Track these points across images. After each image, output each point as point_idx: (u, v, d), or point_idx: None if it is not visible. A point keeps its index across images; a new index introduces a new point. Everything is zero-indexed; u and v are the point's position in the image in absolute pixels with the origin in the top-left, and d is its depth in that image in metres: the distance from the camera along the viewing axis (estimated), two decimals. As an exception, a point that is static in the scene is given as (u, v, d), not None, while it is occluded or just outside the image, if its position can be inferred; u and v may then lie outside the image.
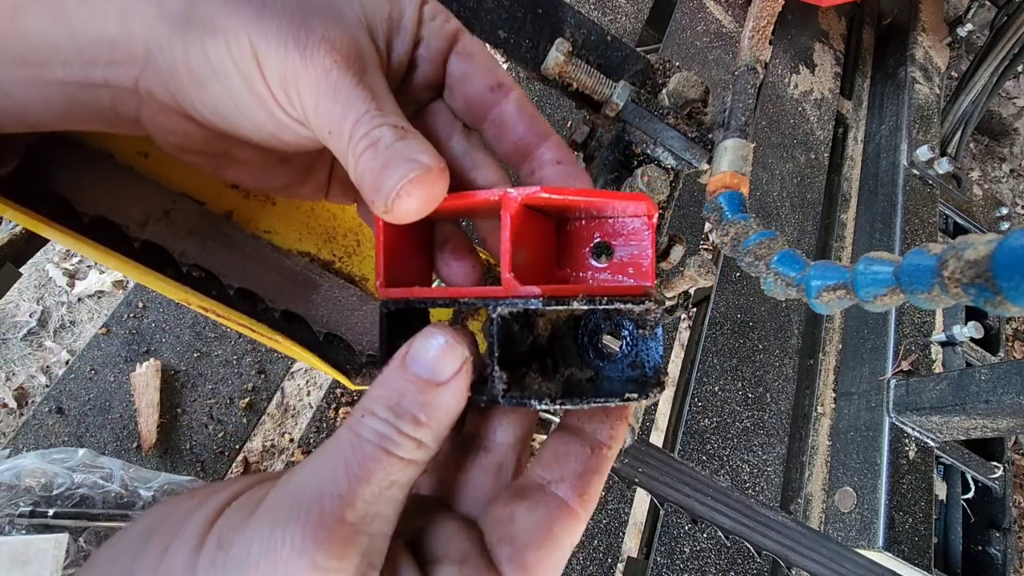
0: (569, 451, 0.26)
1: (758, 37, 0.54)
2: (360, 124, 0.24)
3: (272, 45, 0.24)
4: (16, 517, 0.57)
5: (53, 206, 0.36)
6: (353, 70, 0.25)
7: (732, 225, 0.46)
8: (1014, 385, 0.69)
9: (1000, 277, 0.27)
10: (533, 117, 0.30)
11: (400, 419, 0.22)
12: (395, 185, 0.24)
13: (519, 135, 0.30)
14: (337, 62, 0.25)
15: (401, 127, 0.25)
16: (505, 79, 0.30)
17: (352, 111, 0.25)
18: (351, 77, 0.25)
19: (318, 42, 0.25)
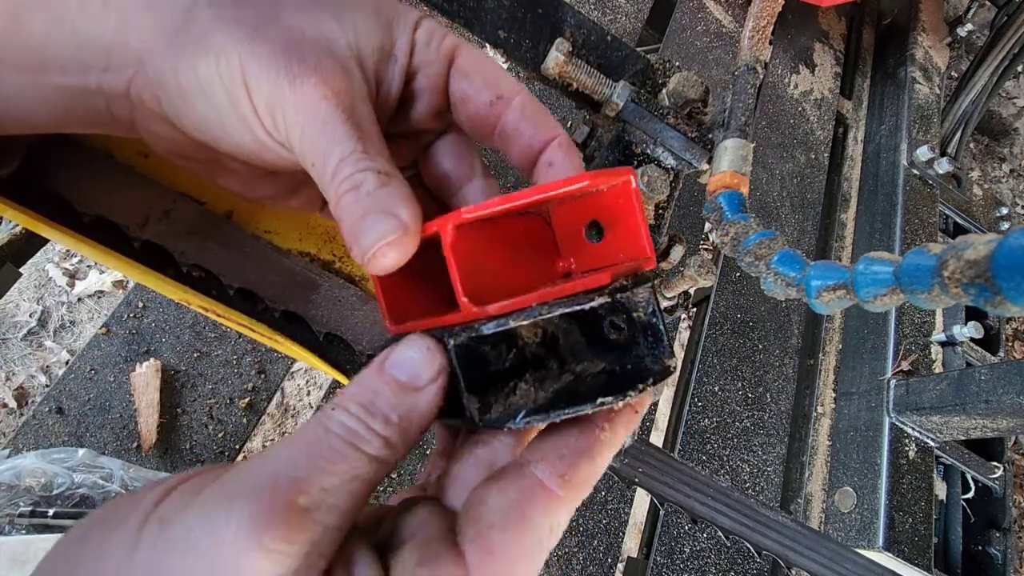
0: (558, 431, 0.25)
1: (758, 37, 0.54)
2: (344, 164, 0.24)
3: (263, 70, 0.24)
4: (16, 517, 0.57)
5: (53, 206, 0.36)
6: (343, 105, 0.25)
7: (732, 225, 0.46)
8: (1014, 385, 0.69)
9: (1000, 277, 0.27)
10: (535, 121, 0.29)
11: (371, 416, 0.23)
12: (372, 244, 0.24)
13: (523, 144, 0.29)
14: (327, 96, 0.25)
15: (384, 172, 0.25)
16: (505, 89, 0.30)
17: (337, 148, 0.25)
18: (340, 113, 0.25)
19: (310, 73, 0.25)
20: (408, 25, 0.29)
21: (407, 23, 0.29)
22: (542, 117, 0.30)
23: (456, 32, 0.32)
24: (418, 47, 0.29)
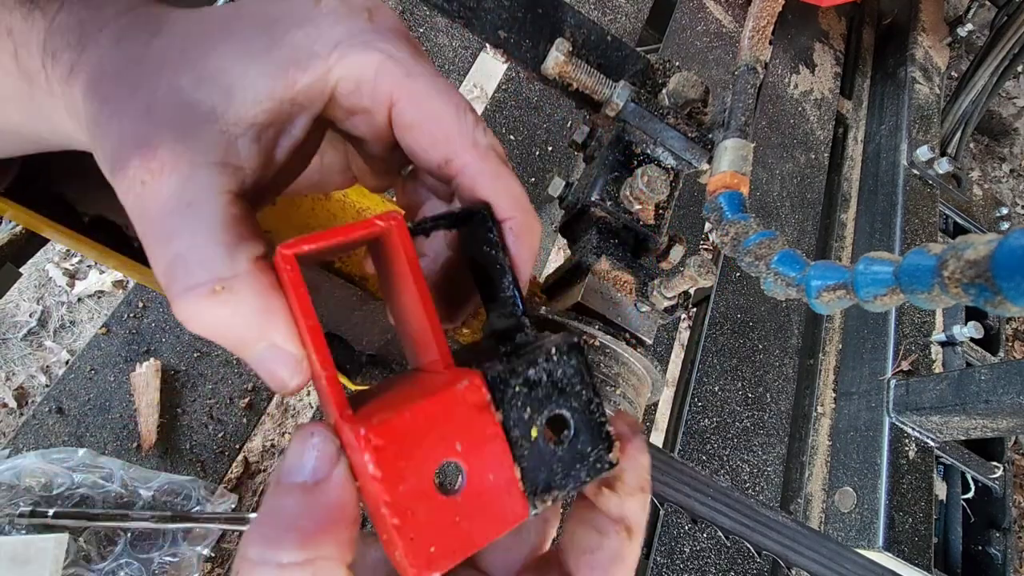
0: (582, 535, 0.24)
1: (758, 37, 0.54)
2: (171, 269, 0.21)
3: (104, 166, 0.22)
4: (16, 517, 0.57)
5: (53, 206, 0.36)
6: (164, 193, 0.21)
7: (732, 225, 0.46)
8: (1014, 385, 0.69)
9: (1000, 277, 0.27)
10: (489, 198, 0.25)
11: (279, 545, 0.19)
12: (278, 391, 0.22)
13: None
14: (144, 184, 0.21)
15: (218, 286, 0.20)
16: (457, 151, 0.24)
17: (160, 252, 0.21)
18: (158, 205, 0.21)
19: (125, 163, 0.21)
20: (318, 65, 0.23)
21: (316, 62, 0.23)
22: (497, 191, 0.25)
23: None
24: (341, 92, 0.24)
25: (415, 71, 0.24)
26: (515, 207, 0.25)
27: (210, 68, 0.22)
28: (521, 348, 0.24)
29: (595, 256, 0.47)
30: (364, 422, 0.19)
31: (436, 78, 0.24)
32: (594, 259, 0.46)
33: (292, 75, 0.23)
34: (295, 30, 0.23)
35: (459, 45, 0.94)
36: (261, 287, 0.21)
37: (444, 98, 0.24)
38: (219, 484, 0.66)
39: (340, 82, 0.23)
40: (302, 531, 0.19)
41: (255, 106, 0.22)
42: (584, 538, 0.24)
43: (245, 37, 0.23)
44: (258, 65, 0.23)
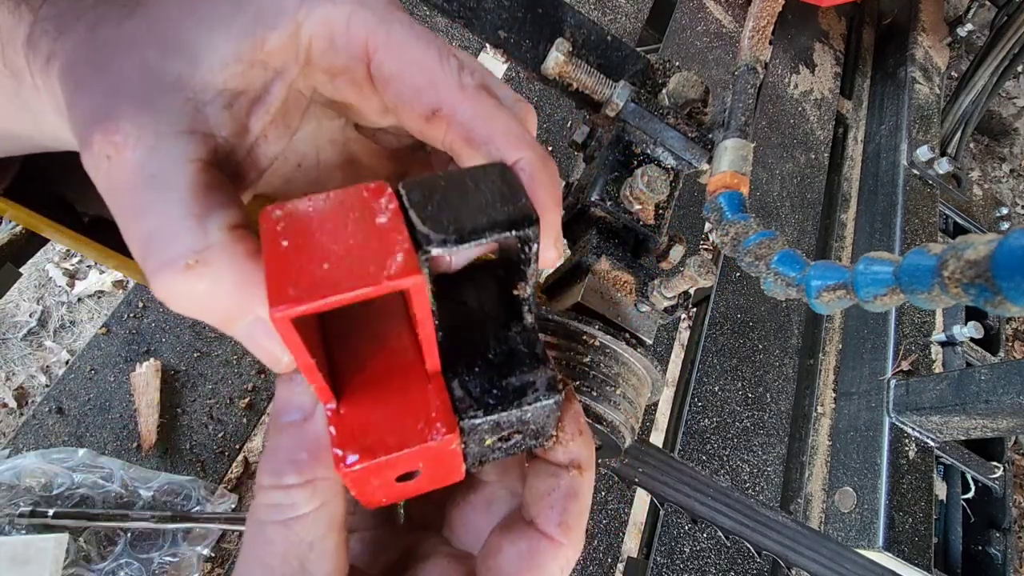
0: (541, 484, 0.26)
1: (758, 37, 0.54)
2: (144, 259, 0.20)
3: (77, 144, 0.21)
4: (16, 517, 0.57)
5: (53, 206, 0.36)
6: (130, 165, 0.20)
7: (732, 225, 0.46)
8: (1014, 385, 0.69)
9: (1000, 277, 0.27)
10: (488, 140, 0.23)
11: (282, 474, 0.21)
12: (273, 368, 0.22)
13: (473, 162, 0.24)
14: (111, 158, 0.20)
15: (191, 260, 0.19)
16: (445, 96, 0.23)
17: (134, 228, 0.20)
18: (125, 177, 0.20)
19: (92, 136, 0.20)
20: (286, 20, 0.22)
21: (283, 17, 0.22)
22: (495, 133, 0.23)
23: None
24: (317, 46, 0.23)
25: (389, 18, 0.22)
26: (520, 146, 0.23)
27: (177, 39, 0.22)
28: (508, 364, 0.24)
29: (595, 256, 0.47)
30: (347, 447, 0.21)
31: (413, 24, 0.23)
32: (594, 259, 0.46)
33: (260, 34, 0.22)
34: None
35: (459, 45, 0.94)
36: (238, 256, 0.20)
37: (424, 43, 0.23)
38: (219, 484, 0.66)
39: (313, 39, 0.22)
40: (298, 461, 0.22)
41: (222, 70, 0.21)
42: (541, 485, 0.26)
43: (213, 5, 0.22)
44: (224, 29, 0.22)
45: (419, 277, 0.19)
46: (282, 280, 0.18)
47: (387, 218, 0.19)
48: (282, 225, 0.19)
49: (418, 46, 0.22)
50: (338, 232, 0.19)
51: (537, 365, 0.24)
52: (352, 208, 0.19)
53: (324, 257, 0.18)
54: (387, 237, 0.19)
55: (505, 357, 0.24)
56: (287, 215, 0.19)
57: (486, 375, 0.23)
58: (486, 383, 0.23)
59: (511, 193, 0.21)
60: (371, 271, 0.18)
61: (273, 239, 0.19)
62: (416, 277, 0.18)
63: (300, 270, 0.18)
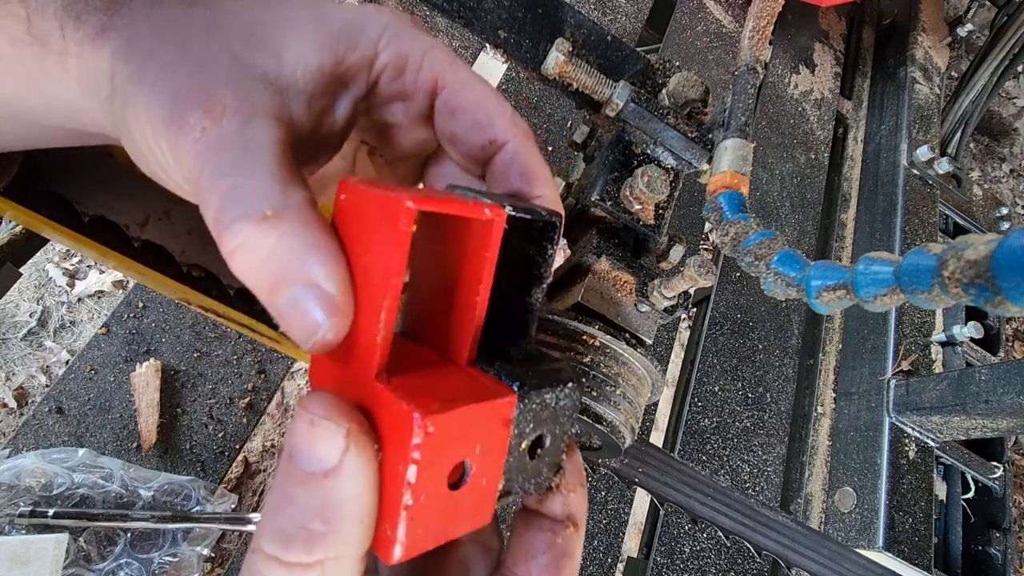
0: (533, 539, 0.25)
1: (758, 37, 0.54)
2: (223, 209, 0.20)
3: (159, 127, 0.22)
4: (16, 517, 0.57)
5: (53, 206, 0.36)
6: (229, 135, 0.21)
7: (732, 225, 0.46)
8: (1014, 385, 0.69)
9: (1000, 277, 0.27)
10: (524, 174, 0.26)
11: (289, 546, 0.18)
12: (304, 342, 0.21)
13: (512, 187, 0.26)
14: (207, 128, 0.21)
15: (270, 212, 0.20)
16: (500, 131, 0.26)
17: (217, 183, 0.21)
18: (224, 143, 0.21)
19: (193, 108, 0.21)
20: (367, 45, 0.24)
21: (365, 42, 0.24)
22: (533, 169, 0.26)
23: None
24: (386, 76, 0.25)
25: (456, 61, 0.26)
26: (549, 184, 0.27)
27: (259, 35, 0.23)
28: (532, 361, 0.24)
29: (595, 256, 0.47)
30: (419, 406, 0.19)
31: (472, 71, 0.26)
32: (594, 259, 0.46)
33: (342, 51, 0.24)
34: (344, 10, 0.24)
35: (459, 45, 0.94)
36: (311, 221, 0.20)
37: (486, 86, 0.26)
38: (219, 484, 0.66)
39: (387, 68, 0.25)
40: (311, 532, 0.18)
41: (305, 75, 0.23)
42: (534, 541, 0.25)
43: (293, 8, 0.24)
44: (309, 38, 0.23)
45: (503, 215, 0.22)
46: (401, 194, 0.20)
47: None
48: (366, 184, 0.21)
49: (482, 87, 0.26)
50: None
51: (555, 360, 0.25)
52: None
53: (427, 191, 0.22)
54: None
55: (526, 356, 0.25)
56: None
57: (519, 365, 0.24)
58: (520, 369, 0.23)
59: None
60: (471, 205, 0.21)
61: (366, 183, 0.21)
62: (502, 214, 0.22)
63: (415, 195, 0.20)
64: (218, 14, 0.24)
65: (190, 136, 0.21)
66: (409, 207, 0.19)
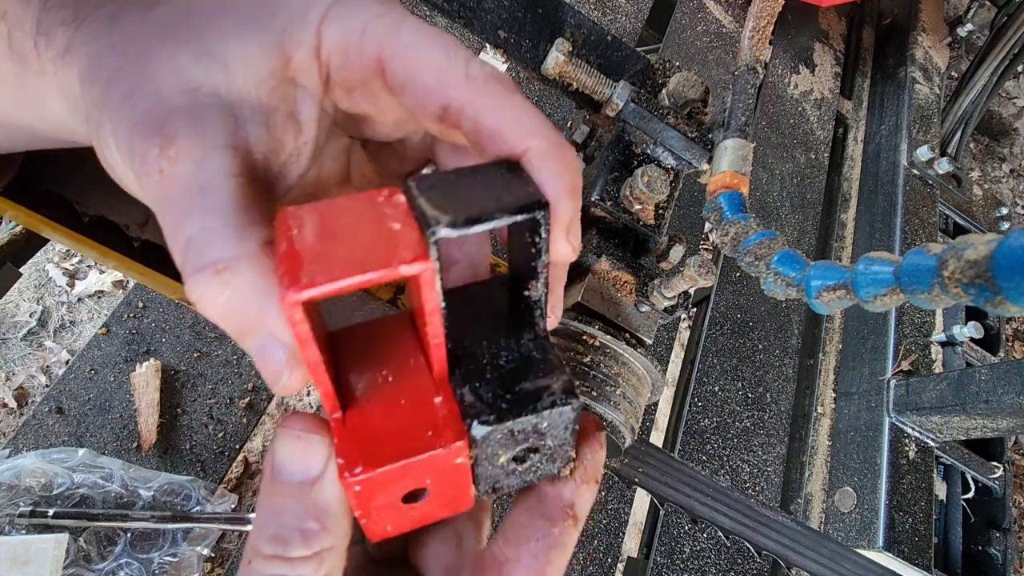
0: (529, 524, 0.24)
1: (758, 37, 0.54)
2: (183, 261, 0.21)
3: (123, 157, 0.22)
4: (16, 517, 0.57)
5: (53, 206, 0.36)
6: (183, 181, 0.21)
7: (732, 225, 0.46)
8: (1014, 385, 0.69)
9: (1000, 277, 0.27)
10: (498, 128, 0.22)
11: (288, 545, 0.20)
12: (272, 386, 0.21)
13: (494, 155, 0.23)
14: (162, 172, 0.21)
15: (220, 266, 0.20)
16: (453, 93, 0.22)
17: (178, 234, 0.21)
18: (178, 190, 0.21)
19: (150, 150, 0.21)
20: (310, 34, 0.22)
21: (308, 31, 0.22)
22: (503, 123, 0.22)
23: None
24: (335, 62, 0.23)
25: (400, 25, 0.22)
26: (530, 134, 0.22)
27: (208, 44, 0.22)
28: (522, 371, 0.23)
29: (595, 256, 0.47)
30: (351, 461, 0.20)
31: (422, 27, 0.23)
32: (594, 259, 0.46)
33: (289, 48, 0.22)
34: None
35: (459, 45, 0.94)
36: (265, 271, 0.20)
37: (430, 43, 0.22)
38: (219, 484, 0.66)
39: (331, 55, 0.23)
40: (307, 531, 0.20)
41: (257, 86, 0.22)
42: (531, 527, 0.24)
43: (239, 8, 0.22)
44: (254, 41, 0.22)
45: (429, 263, 0.19)
46: (294, 267, 0.18)
47: (398, 215, 0.20)
48: (296, 222, 0.19)
49: (425, 47, 0.22)
50: (350, 227, 0.19)
51: (552, 371, 0.23)
52: (365, 208, 0.20)
53: (336, 247, 0.19)
54: (397, 230, 0.19)
55: (518, 364, 0.23)
56: (303, 214, 0.20)
57: (498, 381, 0.22)
58: (498, 388, 0.22)
59: (520, 182, 0.21)
60: (382, 256, 0.19)
61: (288, 234, 0.19)
62: (426, 263, 0.19)
63: (313, 259, 0.18)
64: (169, 19, 0.23)
65: (152, 176, 0.21)
66: (290, 300, 0.18)
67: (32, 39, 0.23)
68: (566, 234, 0.22)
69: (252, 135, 0.22)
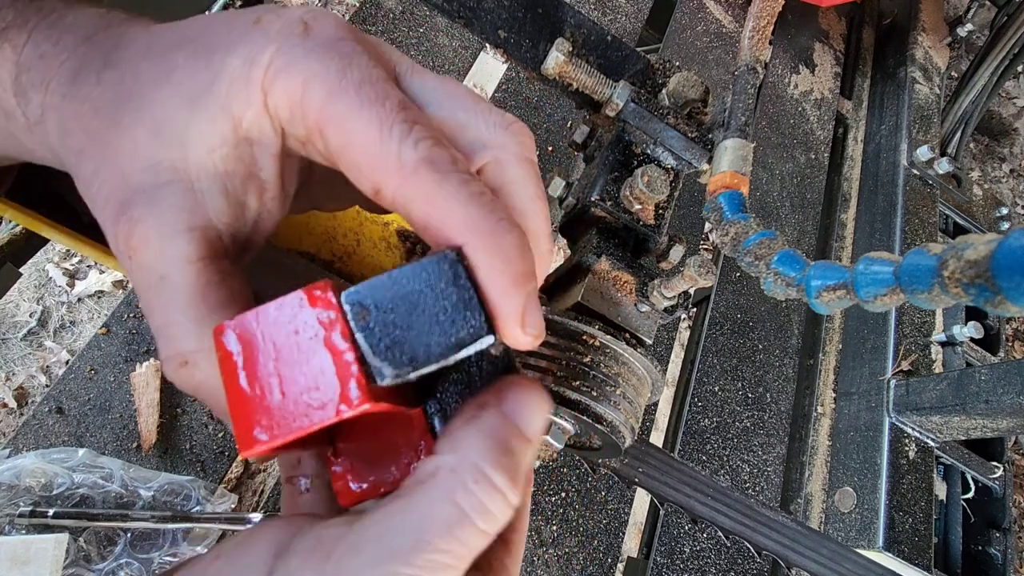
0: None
1: (758, 37, 0.54)
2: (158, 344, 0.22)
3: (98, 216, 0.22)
4: (16, 517, 0.57)
5: (53, 206, 0.36)
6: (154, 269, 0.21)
7: (732, 225, 0.46)
8: (1014, 385, 0.69)
9: (1000, 277, 0.27)
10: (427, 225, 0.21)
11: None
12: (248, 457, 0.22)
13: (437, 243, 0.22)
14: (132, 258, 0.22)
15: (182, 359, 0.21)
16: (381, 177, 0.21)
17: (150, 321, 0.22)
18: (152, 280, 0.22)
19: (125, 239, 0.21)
20: (254, 92, 0.21)
21: (251, 89, 0.21)
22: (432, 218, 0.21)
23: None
24: (283, 116, 0.22)
25: (340, 89, 0.21)
26: (464, 227, 0.20)
27: (158, 117, 0.22)
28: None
29: (595, 256, 0.47)
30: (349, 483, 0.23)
31: (363, 93, 0.21)
32: (594, 259, 0.46)
33: (236, 113, 0.21)
34: (232, 58, 0.21)
35: (459, 45, 0.94)
36: None
37: (366, 114, 0.20)
38: (219, 484, 0.66)
39: (279, 111, 0.21)
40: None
41: (210, 155, 0.22)
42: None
43: (186, 72, 0.22)
44: (202, 108, 0.21)
45: (370, 405, 0.19)
46: (245, 421, 0.20)
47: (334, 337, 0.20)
48: (235, 351, 0.20)
49: (361, 120, 0.21)
50: (290, 355, 0.20)
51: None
52: (300, 322, 0.20)
53: (279, 387, 0.20)
54: (338, 361, 0.20)
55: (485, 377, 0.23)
56: (238, 337, 0.20)
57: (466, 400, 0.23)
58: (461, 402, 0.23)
59: (462, 301, 0.20)
60: (326, 402, 0.19)
61: (230, 372, 0.20)
62: (369, 405, 0.19)
63: (258, 406, 0.19)
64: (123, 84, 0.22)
65: (123, 262, 0.22)
66: (248, 456, 0.20)
67: (13, 97, 0.24)
68: (521, 326, 0.21)
69: (212, 208, 0.22)
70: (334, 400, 0.19)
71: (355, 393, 0.19)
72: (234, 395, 0.20)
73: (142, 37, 0.23)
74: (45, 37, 0.23)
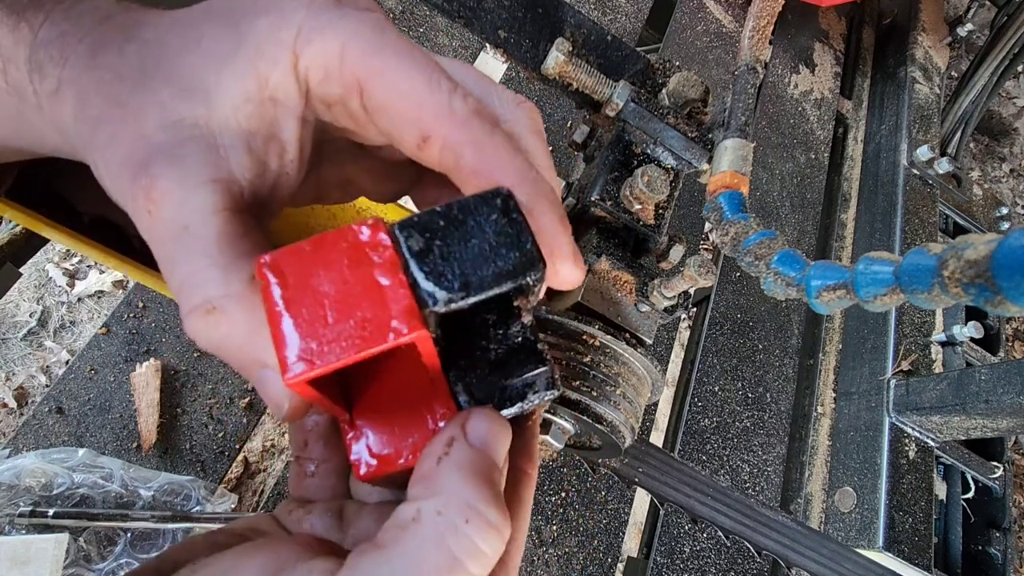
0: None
1: (758, 37, 0.54)
2: (179, 301, 0.21)
3: (110, 186, 0.22)
4: (16, 517, 0.57)
5: (53, 206, 0.36)
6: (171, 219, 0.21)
7: (732, 225, 0.46)
8: (1014, 385, 0.69)
9: (1000, 277, 0.27)
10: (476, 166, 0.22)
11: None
12: (276, 415, 0.22)
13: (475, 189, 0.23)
14: (151, 213, 0.21)
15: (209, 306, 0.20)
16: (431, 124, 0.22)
17: (170, 275, 0.22)
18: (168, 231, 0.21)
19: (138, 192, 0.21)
20: (285, 54, 0.22)
21: (281, 49, 0.22)
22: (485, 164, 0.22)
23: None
24: (314, 78, 0.22)
25: (381, 46, 0.22)
26: (516, 177, 0.22)
27: (186, 77, 0.22)
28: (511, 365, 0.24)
29: (595, 256, 0.47)
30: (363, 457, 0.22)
31: (405, 50, 0.22)
32: (594, 259, 0.46)
33: (263, 72, 0.22)
34: (259, 20, 0.22)
35: (459, 45, 0.94)
36: (255, 308, 0.20)
37: (413, 68, 0.22)
38: (219, 484, 0.66)
39: (310, 72, 0.22)
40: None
41: (235, 112, 0.22)
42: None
43: (214, 38, 0.22)
44: (229, 67, 0.22)
45: (424, 332, 0.19)
46: (292, 348, 0.18)
47: (384, 265, 0.19)
48: (278, 280, 0.19)
49: (407, 72, 0.22)
50: (336, 282, 0.19)
51: (537, 365, 0.23)
52: (348, 253, 0.20)
53: (326, 313, 0.19)
54: (388, 289, 0.19)
55: (506, 356, 0.24)
56: (282, 267, 0.20)
57: (488, 377, 0.23)
58: (488, 386, 0.23)
59: (515, 232, 0.21)
60: (376, 328, 0.19)
61: (272, 297, 0.19)
62: (421, 332, 0.19)
63: (305, 331, 0.19)
64: (148, 54, 0.23)
65: (142, 218, 0.21)
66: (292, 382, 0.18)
67: (27, 74, 0.23)
68: (573, 261, 0.23)
69: (234, 164, 0.22)
70: (386, 326, 0.19)
71: (408, 319, 0.19)
72: (277, 324, 0.19)
73: (164, 16, 0.24)
74: (64, 17, 0.23)
